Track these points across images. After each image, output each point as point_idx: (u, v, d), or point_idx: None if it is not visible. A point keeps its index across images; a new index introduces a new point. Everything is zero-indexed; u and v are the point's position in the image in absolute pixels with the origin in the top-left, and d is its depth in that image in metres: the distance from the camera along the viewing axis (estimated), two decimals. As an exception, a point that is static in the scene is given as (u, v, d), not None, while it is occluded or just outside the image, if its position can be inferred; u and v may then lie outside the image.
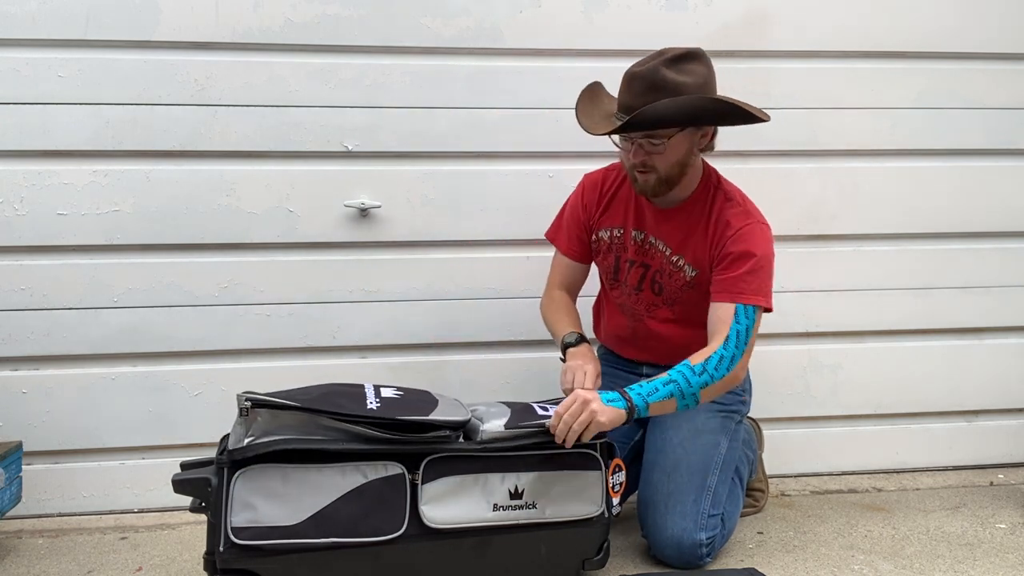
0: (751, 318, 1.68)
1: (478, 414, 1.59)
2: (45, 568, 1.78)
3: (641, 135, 1.67)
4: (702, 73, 1.67)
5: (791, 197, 2.27)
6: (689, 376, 1.62)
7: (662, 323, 1.88)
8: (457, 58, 2.13)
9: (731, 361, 1.65)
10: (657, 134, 1.66)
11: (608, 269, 1.93)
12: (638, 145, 1.68)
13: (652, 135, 1.66)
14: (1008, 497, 2.19)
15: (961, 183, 2.33)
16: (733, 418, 1.89)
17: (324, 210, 2.12)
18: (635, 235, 1.86)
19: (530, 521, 1.54)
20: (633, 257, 1.87)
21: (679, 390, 1.61)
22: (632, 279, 1.88)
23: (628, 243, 1.87)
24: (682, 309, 1.84)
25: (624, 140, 1.73)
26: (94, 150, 2.02)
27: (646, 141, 1.67)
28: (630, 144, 1.71)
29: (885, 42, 2.27)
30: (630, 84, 1.67)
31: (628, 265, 1.88)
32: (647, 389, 1.60)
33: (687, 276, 1.81)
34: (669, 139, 1.67)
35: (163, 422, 2.10)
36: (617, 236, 1.89)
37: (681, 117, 1.64)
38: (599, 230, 1.91)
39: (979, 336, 2.39)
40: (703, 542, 1.70)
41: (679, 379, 1.62)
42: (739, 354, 1.66)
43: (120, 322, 2.06)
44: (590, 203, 1.91)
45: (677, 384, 1.61)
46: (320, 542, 1.42)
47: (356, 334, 2.16)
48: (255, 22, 2.05)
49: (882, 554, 1.82)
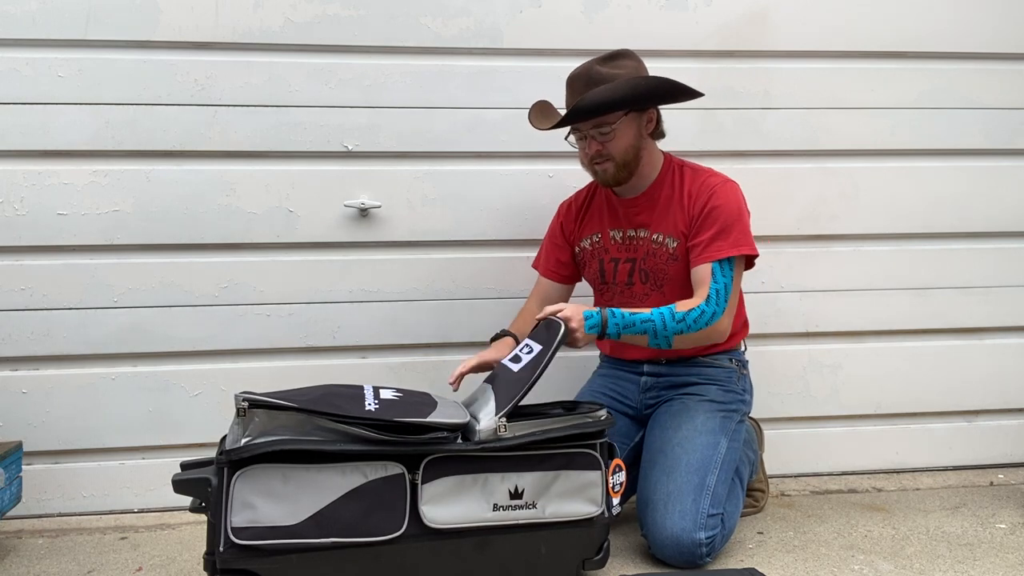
0: (728, 274, 1.79)
1: (471, 410, 1.59)
2: (45, 568, 1.78)
3: (590, 126, 1.80)
4: (632, 65, 1.82)
5: (791, 197, 2.27)
6: (668, 320, 1.74)
7: None
8: (457, 58, 2.13)
9: (711, 317, 1.76)
10: (603, 121, 1.78)
11: (594, 274, 1.99)
12: (590, 137, 1.82)
13: (599, 123, 1.79)
14: (1008, 497, 2.19)
15: (961, 183, 2.33)
16: (733, 418, 1.90)
17: (324, 210, 2.12)
18: (613, 235, 1.94)
19: (530, 521, 1.54)
20: (616, 255, 1.94)
21: (653, 329, 1.74)
22: (621, 276, 1.93)
23: (608, 244, 1.95)
24: (672, 288, 1.89)
25: (579, 139, 1.86)
26: (94, 150, 2.02)
27: (596, 131, 1.80)
28: (584, 142, 1.84)
29: (885, 42, 2.27)
30: (572, 85, 1.83)
31: (613, 264, 1.94)
32: (626, 321, 1.72)
33: (669, 249, 1.87)
34: (614, 125, 1.79)
35: (163, 422, 2.10)
36: (597, 241, 1.97)
37: (617, 98, 1.76)
38: (580, 241, 2.01)
39: (979, 336, 2.39)
40: (703, 542, 1.70)
41: (657, 320, 1.73)
42: (719, 311, 1.77)
43: (120, 322, 2.06)
44: (567, 222, 2.03)
45: (654, 324, 1.73)
46: (320, 542, 1.42)
47: (356, 334, 2.16)
48: (255, 22, 2.05)
49: (882, 554, 1.82)
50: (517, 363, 1.64)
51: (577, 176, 2.07)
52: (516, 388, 1.57)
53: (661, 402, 1.94)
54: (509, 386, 1.59)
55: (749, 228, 1.84)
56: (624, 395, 1.99)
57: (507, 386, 1.60)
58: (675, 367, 1.94)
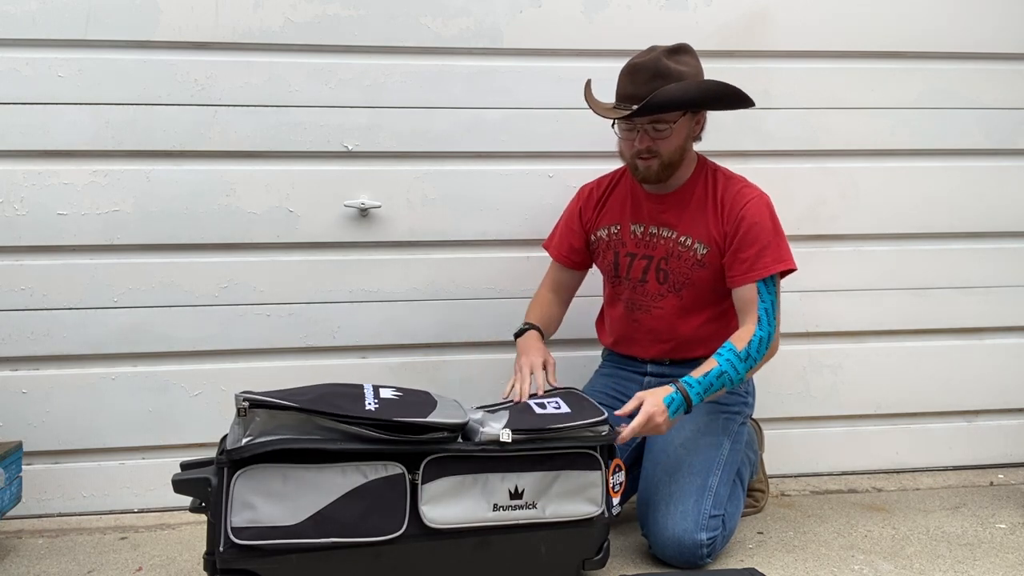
0: (772, 291, 1.78)
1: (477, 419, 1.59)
2: (45, 568, 1.78)
3: (647, 120, 1.74)
4: (695, 64, 1.79)
5: (791, 197, 2.27)
6: (737, 363, 1.73)
7: (668, 313, 1.89)
8: (457, 58, 2.13)
9: (768, 339, 1.75)
10: (664, 119, 1.74)
11: (608, 266, 1.96)
12: (643, 132, 1.76)
13: (659, 120, 1.74)
14: (1008, 497, 2.19)
15: (961, 183, 2.33)
16: (736, 420, 1.89)
17: (324, 210, 2.12)
18: (634, 229, 1.91)
19: (530, 521, 1.54)
20: (633, 250, 1.91)
21: (729, 379, 1.73)
22: (635, 272, 1.91)
23: (626, 238, 1.92)
24: (691, 293, 1.86)
25: (627, 130, 1.80)
26: (94, 150, 2.02)
27: (651, 127, 1.75)
28: (633, 134, 1.78)
29: (885, 42, 2.27)
30: (633, 75, 1.75)
31: (629, 259, 1.91)
32: (702, 386, 1.71)
33: (698, 255, 1.84)
34: (674, 124, 1.75)
35: (163, 422, 2.10)
36: (615, 233, 1.93)
37: (688, 99, 1.73)
38: (597, 230, 1.96)
39: (978, 336, 2.39)
40: (704, 542, 1.70)
41: (728, 369, 1.72)
42: (772, 330, 1.76)
43: (120, 322, 2.06)
44: (586, 208, 1.99)
45: (728, 374, 1.72)
46: (320, 542, 1.42)
47: (356, 334, 2.16)
48: (255, 22, 2.05)
49: (882, 554, 1.82)
50: (542, 409, 1.64)
51: (577, 176, 2.07)
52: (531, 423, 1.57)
53: None
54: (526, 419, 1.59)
55: (787, 242, 1.81)
56: (627, 395, 1.96)
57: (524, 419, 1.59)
58: (679, 368, 1.92)
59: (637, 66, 1.75)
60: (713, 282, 1.84)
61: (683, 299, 1.87)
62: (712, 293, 1.86)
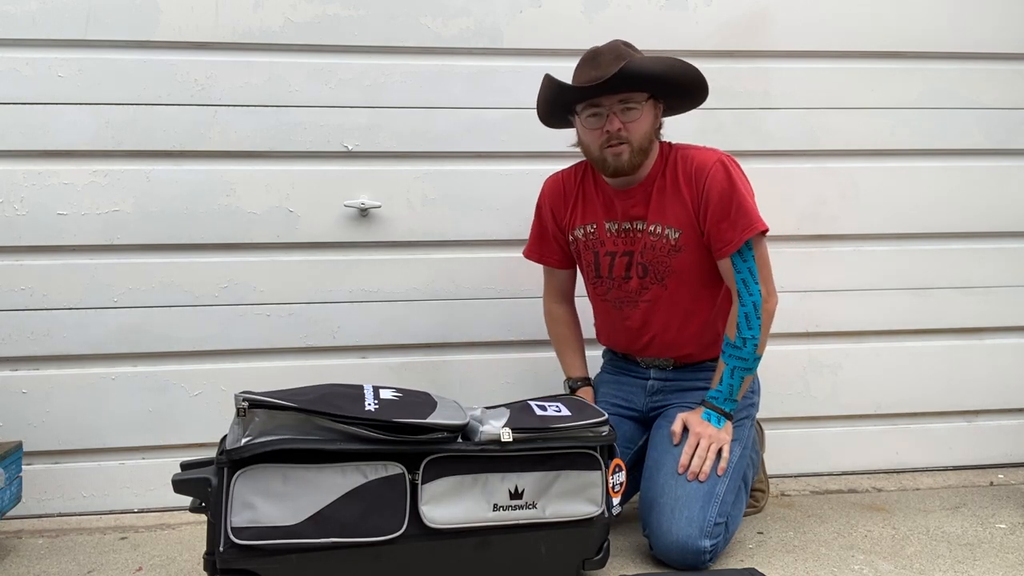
0: (748, 258, 1.76)
1: (477, 416, 1.59)
2: (45, 568, 1.78)
3: (618, 99, 1.74)
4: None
5: (791, 197, 2.27)
6: (738, 353, 1.76)
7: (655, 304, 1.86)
8: (457, 58, 2.13)
9: (756, 309, 1.76)
10: (633, 98, 1.75)
11: (588, 267, 1.94)
12: (613, 114, 1.75)
13: (628, 99, 1.75)
14: (1008, 497, 2.19)
15: (961, 183, 2.33)
16: (745, 424, 1.87)
17: (324, 210, 2.12)
18: (609, 227, 1.89)
19: (530, 521, 1.54)
20: (612, 248, 1.89)
21: (741, 369, 1.77)
22: (618, 270, 1.89)
23: (604, 236, 1.90)
24: (674, 281, 1.84)
25: (594, 115, 1.78)
26: (94, 150, 2.02)
27: (621, 108, 1.75)
28: (601, 119, 1.77)
29: (885, 42, 2.27)
30: (596, 58, 1.76)
31: (609, 258, 1.89)
32: (725, 392, 1.78)
33: (671, 240, 1.82)
34: (642, 105, 1.76)
35: (163, 422, 2.10)
36: (591, 232, 1.91)
37: (658, 73, 1.73)
38: (574, 229, 1.94)
39: (978, 336, 2.39)
40: (707, 549, 1.68)
41: (734, 363, 1.77)
42: (757, 298, 1.76)
43: (120, 322, 2.06)
44: (557, 206, 1.97)
45: (737, 368, 1.77)
46: (320, 542, 1.42)
47: (356, 334, 2.16)
48: (255, 22, 2.05)
49: (882, 554, 1.82)
50: (543, 411, 1.64)
51: (577, 176, 2.06)
52: (532, 423, 1.57)
53: (668, 405, 1.91)
54: (526, 419, 1.59)
55: (751, 203, 1.77)
56: (629, 399, 1.96)
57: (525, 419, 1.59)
58: (683, 372, 1.92)
59: (599, 51, 1.77)
60: (694, 265, 1.82)
61: (668, 288, 1.84)
62: (697, 277, 1.83)
